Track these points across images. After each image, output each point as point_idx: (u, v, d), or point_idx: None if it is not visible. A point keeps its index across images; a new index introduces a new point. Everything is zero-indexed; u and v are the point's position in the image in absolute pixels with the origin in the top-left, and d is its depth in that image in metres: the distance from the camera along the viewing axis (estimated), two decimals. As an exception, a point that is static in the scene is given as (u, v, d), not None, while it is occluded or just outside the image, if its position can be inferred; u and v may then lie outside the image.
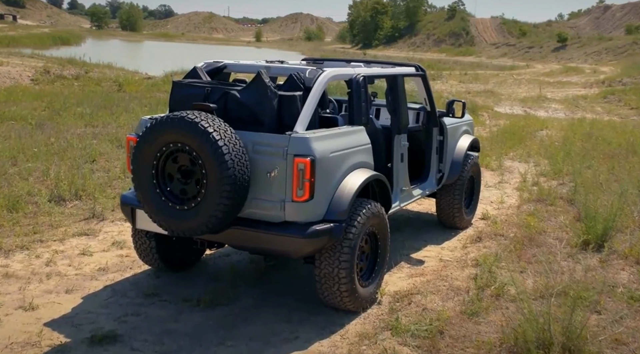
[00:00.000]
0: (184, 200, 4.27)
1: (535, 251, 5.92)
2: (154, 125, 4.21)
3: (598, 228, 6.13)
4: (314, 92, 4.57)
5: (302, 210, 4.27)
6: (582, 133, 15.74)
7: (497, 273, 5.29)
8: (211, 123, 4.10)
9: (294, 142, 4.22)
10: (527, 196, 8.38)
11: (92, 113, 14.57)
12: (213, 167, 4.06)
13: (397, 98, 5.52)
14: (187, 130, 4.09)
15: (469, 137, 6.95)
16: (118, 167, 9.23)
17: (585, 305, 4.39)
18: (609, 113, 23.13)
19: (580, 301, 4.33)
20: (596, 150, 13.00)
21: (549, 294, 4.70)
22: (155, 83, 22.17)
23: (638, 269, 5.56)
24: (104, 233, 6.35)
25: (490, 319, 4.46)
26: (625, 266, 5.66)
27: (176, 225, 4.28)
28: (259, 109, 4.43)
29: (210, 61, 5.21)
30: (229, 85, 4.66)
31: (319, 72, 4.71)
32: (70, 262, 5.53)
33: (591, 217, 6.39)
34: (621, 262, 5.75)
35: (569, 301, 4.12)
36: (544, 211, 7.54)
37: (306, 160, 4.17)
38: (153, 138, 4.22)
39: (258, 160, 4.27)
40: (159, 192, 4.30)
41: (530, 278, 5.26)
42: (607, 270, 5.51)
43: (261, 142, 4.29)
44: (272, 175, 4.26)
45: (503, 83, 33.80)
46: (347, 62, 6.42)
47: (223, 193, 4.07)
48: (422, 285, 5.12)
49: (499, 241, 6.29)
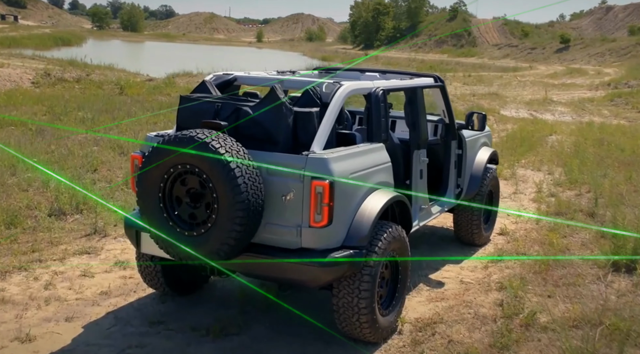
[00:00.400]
0: (193, 225, 3.97)
1: (562, 272, 5.61)
2: (160, 145, 3.91)
3: (628, 247, 5.82)
4: (332, 108, 4.27)
5: (319, 236, 3.97)
6: (593, 139, 15.44)
7: (524, 298, 4.98)
8: (222, 144, 3.80)
9: (311, 163, 3.91)
10: (545, 209, 8.08)
11: (93, 118, 14.28)
12: (225, 190, 3.76)
13: (416, 111, 5.21)
14: (197, 151, 3.79)
15: (488, 149, 6.65)
16: (120, 176, 8.93)
17: (634, 339, 4.07)
18: (616, 117, 22.82)
19: (626, 334, 4.02)
20: (610, 157, 12.69)
21: (583, 324, 4.41)
22: (157, 86, 21.89)
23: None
24: (106, 252, 6.04)
25: (522, 353, 4.15)
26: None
27: (184, 252, 3.97)
28: (273, 127, 4.12)
29: (220, 73, 4.91)
30: (241, 100, 4.36)
31: (336, 86, 4.40)
32: (71, 285, 5.23)
33: (619, 236, 6.09)
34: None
35: (615, 334, 3.81)
36: (564, 226, 7.24)
37: (324, 182, 3.86)
38: (160, 159, 3.92)
39: (272, 182, 3.97)
40: (166, 217, 4.00)
41: (559, 303, 4.95)
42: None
43: (276, 162, 3.98)
44: (287, 198, 3.95)
45: (507, 85, 33.49)
46: (362, 71, 6.11)
47: (235, 219, 3.77)
48: (444, 311, 4.81)
49: (522, 260, 5.99)
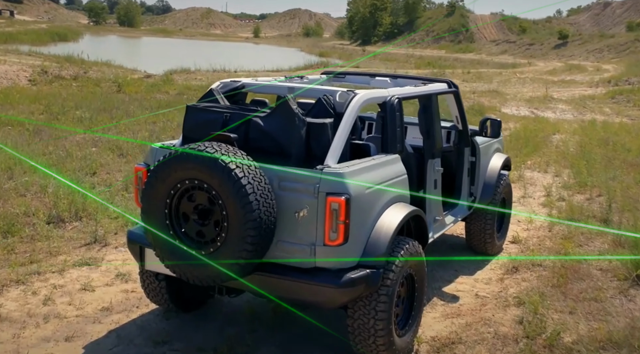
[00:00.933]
0: (201, 244, 3.75)
1: (581, 286, 5.41)
2: (167, 159, 3.69)
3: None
4: (347, 119, 4.05)
5: (335, 255, 3.75)
6: (597, 139, 15.25)
7: (545, 315, 4.78)
8: (233, 159, 3.59)
9: (326, 177, 3.70)
10: (555, 214, 7.88)
11: (91, 117, 14.05)
12: (235, 208, 3.54)
13: (431, 119, 4.99)
14: (206, 166, 3.57)
15: (501, 155, 6.44)
16: (120, 179, 8.71)
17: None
18: (618, 115, 22.66)
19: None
20: (617, 158, 12.50)
21: (610, 345, 4.21)
22: (155, 84, 21.65)
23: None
24: (106, 262, 5.82)
25: None
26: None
27: (192, 272, 3.76)
28: (285, 139, 3.90)
29: (227, 80, 4.69)
30: (251, 110, 4.13)
31: (351, 95, 4.18)
32: (71, 300, 5.01)
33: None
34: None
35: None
36: (578, 234, 7.04)
37: (340, 199, 3.65)
38: (166, 174, 3.71)
39: (284, 197, 3.75)
40: (173, 234, 3.79)
41: (582, 320, 4.75)
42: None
43: (288, 177, 3.77)
44: (300, 215, 3.74)
45: (507, 82, 33.30)
46: (372, 76, 5.90)
47: (247, 238, 3.56)
48: (462, 329, 4.60)
49: (538, 272, 5.78)
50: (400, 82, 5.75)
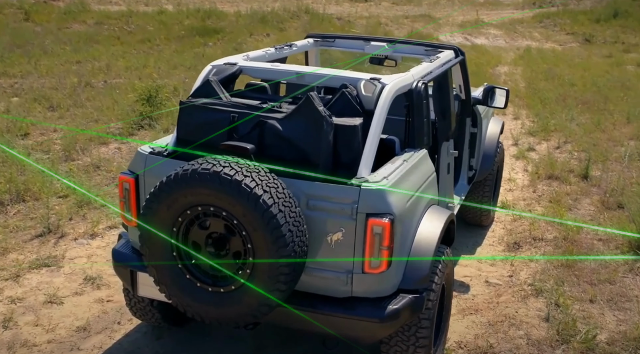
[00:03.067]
0: (217, 279, 3.12)
1: (590, 265, 5.15)
2: (173, 181, 2.98)
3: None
4: (378, 118, 3.40)
5: (375, 284, 3.21)
6: (541, 72, 15.14)
7: (568, 306, 4.49)
8: (259, 181, 2.92)
9: (366, 196, 3.09)
10: (533, 170, 7.62)
11: (3, 56, 12.55)
12: (265, 242, 2.91)
13: (447, 98, 4.42)
14: (225, 192, 2.90)
15: (497, 121, 5.99)
16: (58, 143, 7.74)
17: None
18: (547, 40, 22.81)
19: None
20: (568, 96, 12.41)
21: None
22: (69, 11, 19.65)
23: None
24: (68, 261, 5.05)
25: None
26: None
27: (209, 313, 3.14)
28: (310, 147, 3.23)
29: (220, 63, 3.89)
30: (263, 109, 3.40)
31: (379, 86, 3.51)
32: (37, 318, 4.27)
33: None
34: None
35: None
36: (563, 194, 6.81)
37: (384, 222, 3.07)
38: (173, 200, 3.00)
39: (314, 218, 3.14)
40: (182, 268, 3.13)
41: (606, 311, 4.49)
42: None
43: (318, 195, 3.15)
44: (334, 239, 3.16)
45: (436, 4, 32.70)
46: (365, 40, 5.20)
47: (279, 276, 2.96)
48: (487, 331, 4.23)
49: (542, 248, 5.48)
50: (400, 49, 5.10)
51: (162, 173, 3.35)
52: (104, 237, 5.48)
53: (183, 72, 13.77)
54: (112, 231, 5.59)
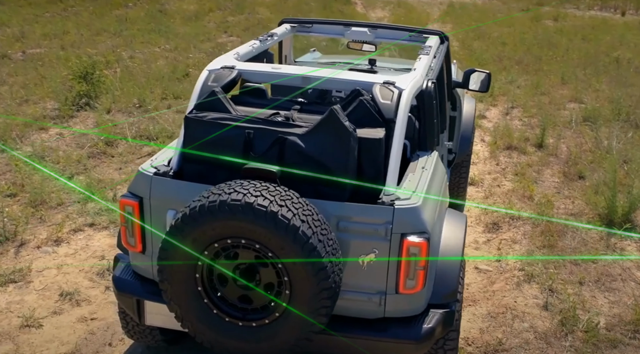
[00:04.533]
0: (247, 312, 2.91)
1: (569, 243, 5.26)
2: (197, 214, 2.71)
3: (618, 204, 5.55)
4: (401, 128, 3.22)
5: (409, 303, 3.10)
6: (472, 30, 15.27)
7: (562, 291, 4.56)
8: (294, 210, 2.70)
9: (400, 215, 2.93)
10: (491, 141, 7.69)
11: None
12: (305, 275, 2.72)
13: (443, 92, 4.28)
14: (260, 225, 2.67)
15: (471, 101, 5.92)
16: None
17: None
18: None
19: None
20: (502, 55, 12.61)
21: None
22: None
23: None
24: (37, 275, 4.64)
25: None
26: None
27: (240, 348, 2.94)
28: (336, 164, 3.02)
29: (217, 68, 3.56)
30: (279, 123, 3.14)
31: (396, 93, 3.31)
32: (16, 346, 3.89)
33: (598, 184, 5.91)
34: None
35: None
36: (525, 166, 6.91)
37: (422, 242, 2.93)
38: (198, 233, 2.74)
39: (344, 240, 2.97)
40: (208, 303, 2.90)
41: (597, 293, 4.60)
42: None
43: (349, 216, 2.96)
44: (366, 261, 3.00)
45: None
46: (345, 25, 4.94)
47: (320, 310, 2.79)
48: (490, 324, 4.24)
49: (521, 228, 5.54)
50: (383, 34, 4.89)
51: (169, 196, 3.09)
52: (70, 243, 5.07)
53: (108, 39, 12.95)
54: (78, 235, 5.18)
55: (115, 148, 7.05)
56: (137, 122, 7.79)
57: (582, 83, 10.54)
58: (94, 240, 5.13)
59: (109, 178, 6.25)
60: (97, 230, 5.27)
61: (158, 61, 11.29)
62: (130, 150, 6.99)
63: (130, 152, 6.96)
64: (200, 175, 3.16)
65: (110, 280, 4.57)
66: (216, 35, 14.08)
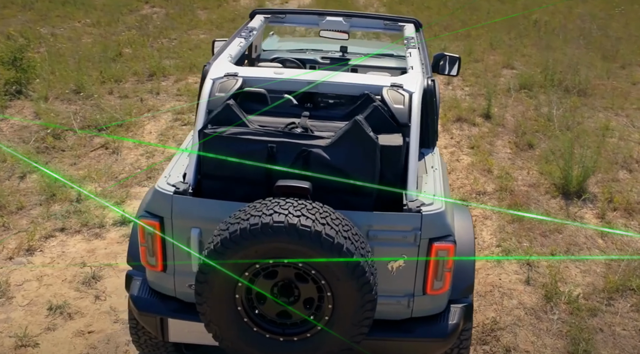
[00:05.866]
0: (286, 327, 2.94)
1: (529, 212, 5.58)
2: (239, 238, 2.68)
3: (571, 174, 5.90)
4: (415, 131, 3.28)
5: (435, 302, 3.23)
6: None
7: (538, 264, 4.86)
8: (336, 227, 2.73)
9: (428, 221, 3.02)
10: (440, 113, 7.88)
11: None
12: (349, 289, 2.77)
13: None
14: (305, 245, 2.68)
15: None
16: None
17: None
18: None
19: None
20: (429, 20, 12.79)
21: (617, 295, 4.50)
22: None
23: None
24: (17, 288, 4.43)
25: None
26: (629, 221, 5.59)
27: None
28: (363, 174, 3.04)
29: (220, 76, 3.45)
30: (304, 136, 3.11)
31: (406, 96, 3.36)
32: (17, 370, 3.77)
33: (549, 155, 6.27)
34: (620, 217, 5.65)
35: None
36: (478, 137, 7.17)
37: (449, 245, 3.05)
38: (240, 256, 2.72)
39: (374, 248, 3.03)
40: (248, 321, 2.90)
41: (570, 265, 4.92)
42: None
43: (378, 225, 3.02)
44: (395, 266, 3.09)
45: None
46: (320, 15, 4.89)
47: (364, 320, 2.86)
48: (481, 303, 4.43)
49: (487, 203, 5.79)
50: (357, 22, 4.88)
51: (193, 215, 3.04)
52: (44, 251, 4.86)
53: (18, 12, 12.16)
54: (50, 242, 4.96)
55: (64, 141, 6.72)
56: (81, 110, 7.43)
57: (510, 49, 10.94)
58: (69, 246, 4.93)
59: (66, 175, 5.98)
60: (70, 235, 5.07)
61: (83, 39, 10.73)
62: (80, 142, 6.68)
63: (81, 144, 6.66)
64: (220, 191, 3.11)
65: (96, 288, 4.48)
66: (138, 7, 13.49)
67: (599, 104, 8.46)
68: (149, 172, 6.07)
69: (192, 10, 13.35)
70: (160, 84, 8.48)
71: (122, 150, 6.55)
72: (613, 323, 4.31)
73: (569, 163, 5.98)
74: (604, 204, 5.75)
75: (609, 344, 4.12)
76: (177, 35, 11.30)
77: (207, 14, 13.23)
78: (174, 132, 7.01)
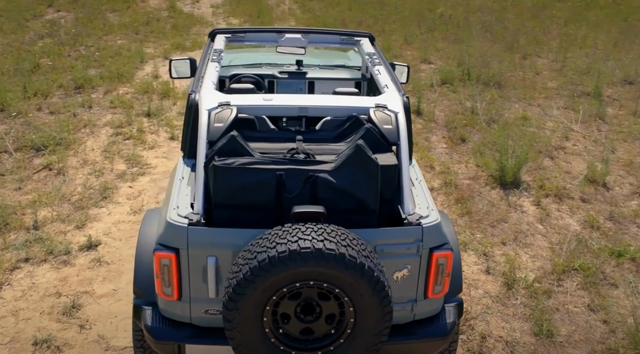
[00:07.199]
0: (309, 342, 3.14)
1: (478, 205, 6.02)
2: (268, 265, 2.84)
3: (507, 164, 6.40)
4: (404, 149, 3.55)
5: (434, 304, 3.52)
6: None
7: (492, 254, 5.29)
8: (356, 248, 2.95)
9: (428, 232, 3.30)
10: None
11: None
12: (371, 304, 3.01)
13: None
14: (331, 268, 2.89)
15: None
16: None
17: None
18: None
19: None
20: (343, 17, 13.13)
21: (564, 275, 5.00)
22: None
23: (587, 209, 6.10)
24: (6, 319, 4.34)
25: (573, 338, 4.48)
26: (561, 206, 6.13)
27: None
28: (366, 194, 3.28)
29: (214, 106, 3.54)
30: (309, 162, 3.29)
31: (392, 116, 3.63)
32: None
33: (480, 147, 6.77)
34: (553, 203, 6.19)
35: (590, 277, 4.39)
36: (414, 134, 7.53)
37: (447, 252, 3.35)
38: (269, 283, 2.89)
39: (382, 262, 3.29)
40: (274, 342, 3.07)
41: (520, 252, 5.38)
42: (561, 217, 5.94)
43: (384, 240, 3.27)
44: (399, 276, 3.36)
45: None
46: (278, 32, 5.04)
47: (384, 331, 3.10)
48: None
49: (437, 199, 6.18)
50: (315, 38, 5.07)
51: (210, 244, 3.16)
52: (12, 284, 4.73)
53: None
54: (16, 274, 4.84)
55: (0, 164, 6.47)
56: (11, 129, 7.16)
57: (424, 43, 11.47)
58: (38, 277, 4.83)
59: (13, 201, 5.79)
60: (36, 265, 4.96)
61: (-11, 49, 10.22)
62: (20, 165, 6.46)
63: (21, 166, 6.44)
64: (231, 220, 3.25)
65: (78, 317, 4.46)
66: (42, 11, 12.91)
67: (513, 95, 9.11)
68: (102, 191, 5.99)
69: (101, 13, 12.97)
70: (90, 97, 8.28)
71: (68, 169, 6.40)
72: (565, 302, 4.81)
73: (505, 155, 6.47)
74: (538, 192, 6.31)
75: (566, 322, 4.60)
76: (93, 41, 10.97)
77: (119, 17, 12.89)
78: (118, 147, 6.91)
